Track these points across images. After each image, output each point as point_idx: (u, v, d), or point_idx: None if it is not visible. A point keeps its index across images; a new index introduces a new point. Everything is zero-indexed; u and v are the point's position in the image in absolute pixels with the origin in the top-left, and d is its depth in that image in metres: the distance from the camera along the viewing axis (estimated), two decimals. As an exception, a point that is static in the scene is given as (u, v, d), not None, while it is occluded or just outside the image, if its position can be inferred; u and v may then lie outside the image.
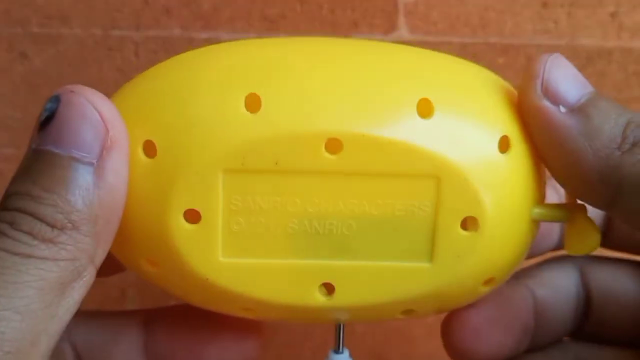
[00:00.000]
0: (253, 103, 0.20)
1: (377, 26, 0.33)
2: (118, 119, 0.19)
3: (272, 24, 0.33)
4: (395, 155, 0.20)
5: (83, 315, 0.24)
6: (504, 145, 0.21)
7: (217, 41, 0.33)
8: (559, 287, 0.26)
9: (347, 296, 0.21)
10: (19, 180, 0.19)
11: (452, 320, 0.25)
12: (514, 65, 0.33)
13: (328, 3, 0.33)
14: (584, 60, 0.33)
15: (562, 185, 0.22)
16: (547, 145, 0.21)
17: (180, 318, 0.25)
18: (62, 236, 0.18)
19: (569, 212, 0.22)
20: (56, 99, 0.19)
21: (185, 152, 0.20)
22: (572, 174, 0.21)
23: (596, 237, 0.22)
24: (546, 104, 0.21)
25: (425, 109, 0.20)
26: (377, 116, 0.20)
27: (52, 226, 0.18)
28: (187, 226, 0.20)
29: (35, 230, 0.18)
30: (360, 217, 0.20)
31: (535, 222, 0.22)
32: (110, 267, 0.24)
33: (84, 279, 0.19)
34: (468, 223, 0.20)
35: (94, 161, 0.19)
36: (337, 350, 0.24)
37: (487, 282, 0.22)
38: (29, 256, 0.17)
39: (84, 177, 0.18)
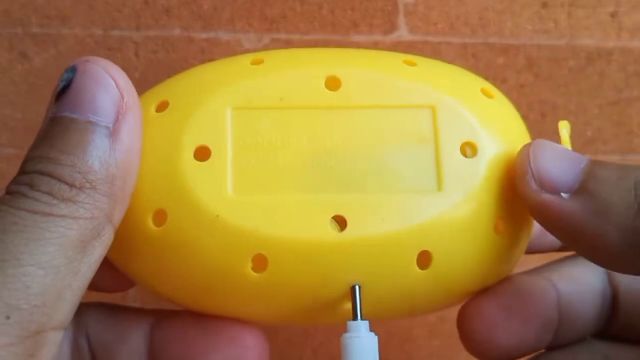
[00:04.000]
0: (257, 62, 0.22)
1: (377, 26, 0.33)
2: (131, 87, 0.20)
3: (272, 24, 0.33)
4: (390, 89, 0.22)
5: (99, 308, 0.24)
6: (487, 93, 0.23)
7: (217, 41, 0.33)
8: (584, 282, 0.25)
9: (359, 229, 0.21)
10: (36, 145, 0.19)
11: (468, 309, 0.24)
12: (514, 65, 0.33)
13: (328, 3, 0.33)
14: (584, 60, 0.33)
15: (595, 263, 0.21)
16: (566, 235, 0.20)
17: (183, 324, 0.24)
18: (81, 195, 0.18)
19: None
20: (72, 69, 0.20)
21: (196, 95, 0.22)
22: (601, 253, 0.20)
23: None
24: (547, 197, 0.20)
25: (409, 63, 0.23)
26: (370, 63, 0.23)
27: (71, 185, 0.18)
28: (197, 163, 0.21)
29: (55, 190, 0.18)
30: (365, 149, 0.21)
31: None
32: (121, 282, 0.24)
33: (103, 237, 0.19)
34: (467, 148, 0.22)
35: (110, 125, 0.19)
36: (355, 319, 0.21)
37: (498, 224, 0.22)
38: (49, 214, 0.18)
39: (101, 139, 0.19)
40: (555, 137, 0.22)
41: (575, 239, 0.20)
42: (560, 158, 0.20)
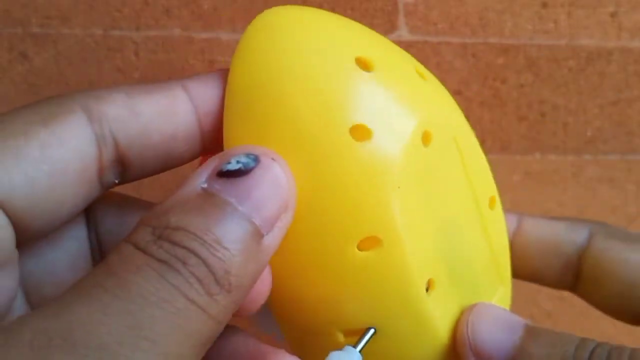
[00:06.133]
0: None
1: (377, 26, 0.33)
2: (294, 197, 0.19)
3: (272, 24, 0.33)
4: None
5: (109, 200, 0.23)
6: None
7: (217, 41, 0.33)
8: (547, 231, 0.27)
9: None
10: (186, 211, 0.18)
11: None
12: (514, 65, 0.33)
13: (328, 3, 0.33)
14: (583, 60, 0.33)
15: None
16: None
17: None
18: (221, 295, 0.17)
19: None
20: (255, 158, 0.19)
21: None
22: None
23: None
24: None
25: None
26: None
27: (219, 284, 0.17)
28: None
29: (206, 281, 0.17)
30: None
31: None
32: None
33: (212, 342, 0.18)
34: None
35: (265, 234, 0.18)
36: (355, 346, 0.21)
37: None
38: (192, 301, 0.17)
39: (254, 245, 0.18)
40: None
41: None
42: (496, 329, 0.22)
